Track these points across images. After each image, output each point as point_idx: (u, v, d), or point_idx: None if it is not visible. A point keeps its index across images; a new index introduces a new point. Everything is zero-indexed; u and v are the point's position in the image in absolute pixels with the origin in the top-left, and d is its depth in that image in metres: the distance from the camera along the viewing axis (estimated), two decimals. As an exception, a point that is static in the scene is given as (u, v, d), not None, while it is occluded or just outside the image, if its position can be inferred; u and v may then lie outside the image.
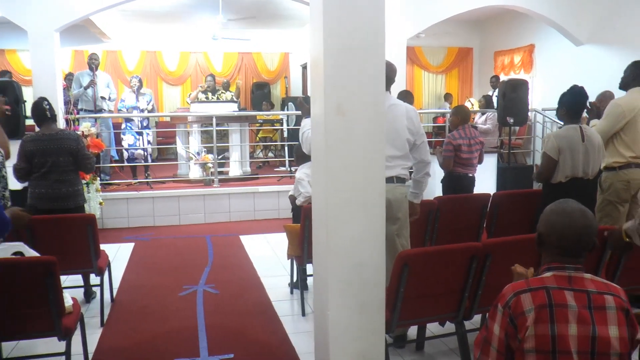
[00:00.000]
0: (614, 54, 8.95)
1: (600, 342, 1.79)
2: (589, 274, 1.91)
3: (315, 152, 2.86)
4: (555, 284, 1.85)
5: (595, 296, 1.84)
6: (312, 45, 2.78)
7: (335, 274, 2.69)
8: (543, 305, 1.80)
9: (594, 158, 4.13)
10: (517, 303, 1.82)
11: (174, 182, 8.62)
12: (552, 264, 1.92)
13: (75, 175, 4.64)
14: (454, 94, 13.40)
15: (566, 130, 4.15)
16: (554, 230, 1.92)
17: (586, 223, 1.92)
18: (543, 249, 1.98)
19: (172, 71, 13.66)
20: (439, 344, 3.79)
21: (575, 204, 1.97)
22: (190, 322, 4.25)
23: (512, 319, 1.82)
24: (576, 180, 4.11)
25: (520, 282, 1.89)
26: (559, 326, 1.78)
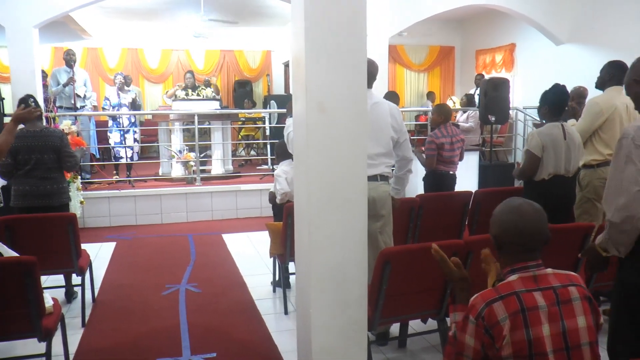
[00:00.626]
0: (593, 53, 9.06)
1: (571, 335, 1.82)
2: (549, 269, 1.93)
3: (297, 150, 2.86)
4: (523, 287, 1.85)
5: (561, 290, 1.86)
6: (293, 43, 2.77)
7: (318, 272, 2.69)
8: (516, 311, 1.79)
9: (575, 155, 4.21)
10: (491, 313, 1.80)
11: (156, 181, 8.55)
12: (515, 265, 1.92)
13: (60, 173, 4.61)
14: (436, 93, 13.47)
15: (549, 128, 4.20)
16: (510, 229, 1.92)
17: (539, 216, 1.94)
18: (502, 251, 1.97)
19: (154, 69, 13.56)
20: (421, 341, 3.81)
21: (522, 201, 1.97)
22: (172, 321, 4.22)
23: (488, 329, 1.80)
24: (558, 177, 4.17)
25: (489, 291, 1.87)
26: (534, 329, 1.78)
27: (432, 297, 3.23)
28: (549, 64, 10.34)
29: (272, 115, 10.63)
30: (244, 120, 11.96)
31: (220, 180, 8.52)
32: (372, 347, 3.44)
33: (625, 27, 8.56)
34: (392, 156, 3.80)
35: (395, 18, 8.52)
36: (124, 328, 4.11)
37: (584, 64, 8.98)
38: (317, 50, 2.59)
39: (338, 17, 2.60)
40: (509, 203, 1.98)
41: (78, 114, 8.11)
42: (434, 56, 14.08)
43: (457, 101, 11.56)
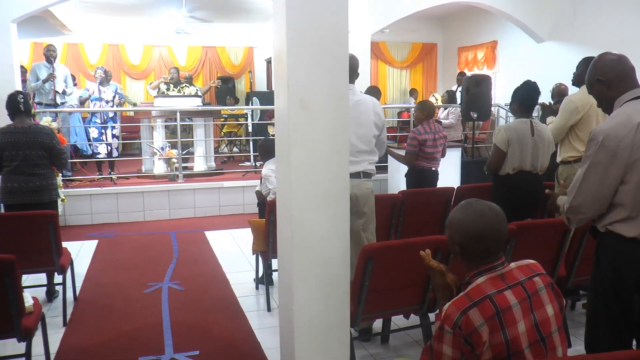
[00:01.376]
0: (573, 50, 9.16)
1: (543, 325, 1.84)
2: (512, 263, 1.94)
3: (279, 147, 2.85)
4: (494, 289, 1.83)
5: (528, 284, 1.88)
6: (275, 40, 2.77)
7: (300, 269, 2.69)
8: (492, 315, 1.78)
9: (543, 152, 4.25)
10: (467, 322, 1.77)
11: (138, 178, 8.50)
12: (481, 267, 1.90)
13: (49, 170, 4.57)
14: (418, 89, 13.53)
15: (517, 123, 4.26)
16: (471, 236, 1.90)
17: (498, 219, 1.92)
18: (464, 257, 1.94)
19: (136, 65, 13.43)
20: (404, 337, 3.84)
21: (481, 204, 1.95)
22: (155, 319, 4.21)
23: (466, 338, 1.77)
24: (524, 173, 4.21)
25: (461, 299, 1.83)
26: (510, 330, 1.78)
27: (414, 293, 3.25)
28: (530, 61, 10.44)
29: (255, 111, 10.60)
30: (226, 117, 11.92)
31: (202, 177, 8.49)
32: (355, 343, 3.47)
33: (604, 25, 8.67)
34: (375, 153, 3.81)
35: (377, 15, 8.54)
36: (106, 326, 4.08)
37: (564, 62, 9.06)
38: (298, 46, 2.59)
39: (320, 14, 2.60)
40: (467, 209, 1.94)
41: (59, 110, 8.01)
42: (416, 53, 14.13)
43: (439, 98, 11.62)
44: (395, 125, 12.18)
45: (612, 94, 2.51)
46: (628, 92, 2.46)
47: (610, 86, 2.50)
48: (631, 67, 2.52)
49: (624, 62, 2.51)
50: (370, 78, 8.95)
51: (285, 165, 2.72)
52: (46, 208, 4.36)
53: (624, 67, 2.50)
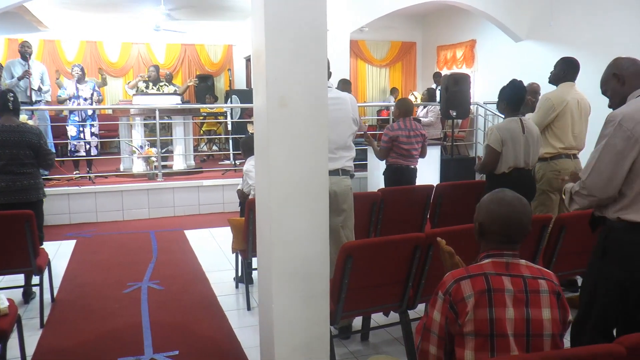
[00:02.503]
0: (551, 50, 9.27)
1: (534, 324, 1.86)
2: (524, 260, 1.98)
3: (257, 145, 2.84)
4: (493, 270, 1.91)
5: (530, 281, 1.91)
6: (253, 37, 2.76)
7: (279, 267, 2.69)
8: (482, 290, 1.85)
9: (534, 148, 4.32)
10: (457, 290, 1.86)
11: (116, 177, 8.42)
12: (491, 251, 1.97)
13: (35, 169, 4.54)
14: (397, 87, 13.59)
15: (507, 122, 4.30)
16: (496, 219, 1.97)
17: (526, 210, 1.99)
18: (484, 238, 2.02)
19: (114, 62, 13.30)
20: (384, 334, 3.85)
21: (512, 193, 2.02)
22: (134, 319, 4.17)
23: (453, 305, 1.86)
24: (518, 170, 4.27)
25: (460, 270, 1.94)
26: (497, 310, 1.83)
27: (394, 290, 3.26)
28: (509, 60, 10.54)
29: (235, 110, 10.56)
30: (205, 115, 11.86)
31: (182, 175, 8.44)
32: (335, 341, 3.47)
33: (581, 25, 8.79)
34: (353, 149, 3.83)
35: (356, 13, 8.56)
36: (84, 328, 4.03)
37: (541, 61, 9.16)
38: (277, 44, 2.58)
39: (298, 11, 2.59)
40: (500, 194, 2.02)
41: (34, 109, 7.89)
42: (396, 51, 14.19)
43: (418, 96, 11.68)
44: (375, 124, 12.22)
45: (625, 90, 2.59)
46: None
47: (624, 82, 2.59)
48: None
49: (637, 63, 2.62)
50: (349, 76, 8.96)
51: (264, 163, 2.71)
52: (33, 207, 4.28)
53: (638, 68, 2.60)
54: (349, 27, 8.53)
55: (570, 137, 4.58)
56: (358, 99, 13.87)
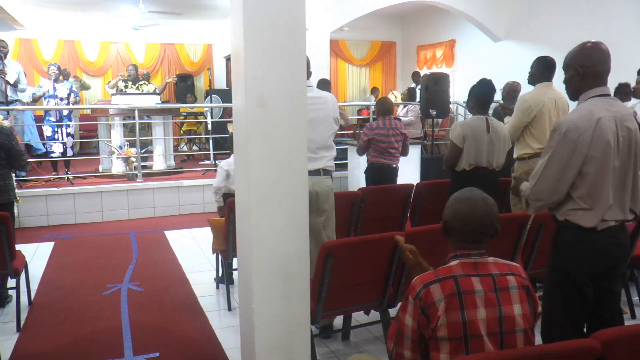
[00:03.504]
0: (529, 50, 9.38)
1: (507, 321, 1.88)
2: (491, 257, 1.99)
3: (237, 145, 2.83)
4: (462, 272, 1.91)
5: (499, 278, 1.92)
6: (232, 37, 2.75)
7: (259, 267, 2.68)
8: (452, 293, 1.85)
9: (499, 149, 4.35)
10: (427, 294, 1.86)
11: (95, 177, 8.33)
12: (458, 251, 1.98)
13: (6, 171, 4.45)
14: (377, 87, 13.64)
15: (472, 120, 4.36)
16: (458, 217, 1.99)
17: (488, 210, 2.00)
18: (449, 236, 2.04)
19: (92, 61, 13.16)
20: (365, 333, 3.86)
21: (478, 192, 2.04)
22: (114, 321, 4.13)
23: (424, 309, 1.86)
24: (480, 169, 4.31)
25: (429, 274, 1.93)
26: (469, 312, 1.84)
27: (374, 289, 3.28)
28: (488, 59, 10.64)
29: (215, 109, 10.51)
30: (185, 115, 11.78)
31: (162, 176, 8.38)
32: (316, 341, 3.47)
33: (558, 24, 8.90)
34: (333, 149, 3.84)
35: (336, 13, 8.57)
36: (62, 331, 3.98)
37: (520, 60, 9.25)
38: (256, 43, 2.57)
39: (277, 10, 2.59)
40: (465, 193, 2.04)
41: (11, 108, 7.77)
42: (376, 51, 14.24)
43: (398, 95, 11.73)
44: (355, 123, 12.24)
45: (582, 86, 2.60)
46: (595, 88, 2.57)
47: (583, 78, 2.59)
48: (609, 68, 2.61)
49: (605, 62, 2.59)
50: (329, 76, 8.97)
51: (243, 163, 2.70)
52: (3, 209, 4.22)
53: (602, 68, 2.58)
54: (329, 27, 8.54)
55: (547, 137, 4.62)
56: (338, 98, 13.89)
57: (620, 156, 2.51)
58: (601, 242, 2.54)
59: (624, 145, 2.51)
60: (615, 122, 2.48)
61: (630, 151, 2.54)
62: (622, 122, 2.51)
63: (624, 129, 2.51)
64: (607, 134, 2.45)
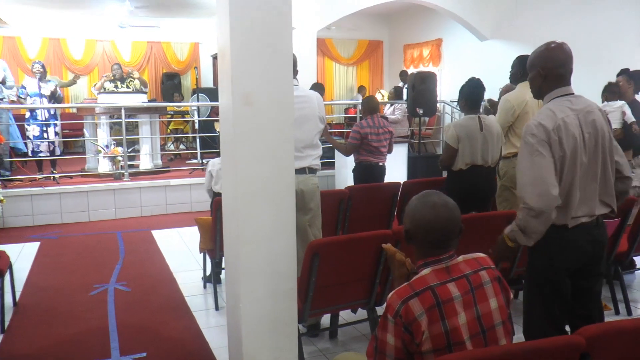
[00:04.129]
0: (515, 49, 9.42)
1: (485, 318, 1.88)
2: (460, 257, 1.98)
3: (223, 143, 2.83)
4: (437, 280, 1.87)
5: (473, 277, 1.92)
6: (219, 35, 2.75)
7: (247, 266, 2.68)
8: (432, 305, 1.81)
9: (493, 146, 4.40)
10: (408, 310, 1.81)
11: (82, 177, 8.26)
12: (428, 258, 1.95)
13: None
14: (364, 86, 13.67)
15: (465, 120, 4.39)
16: (419, 225, 1.95)
17: (449, 215, 1.94)
18: (413, 244, 2.00)
19: (78, 60, 13.04)
20: (352, 331, 3.87)
21: (437, 197, 1.98)
22: (100, 322, 4.10)
23: (406, 327, 1.80)
24: (476, 167, 4.35)
25: (405, 288, 1.88)
26: (450, 320, 1.82)
27: (361, 287, 3.29)
28: (474, 58, 10.69)
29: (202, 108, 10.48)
30: (172, 114, 11.73)
31: (149, 175, 8.34)
32: (303, 339, 3.48)
33: (544, 23, 8.96)
34: (319, 147, 3.84)
35: (323, 12, 8.57)
36: (48, 332, 3.95)
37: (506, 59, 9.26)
38: (242, 42, 2.57)
39: (263, 9, 2.58)
40: (423, 199, 1.99)
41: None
42: (363, 50, 14.27)
43: (385, 94, 11.76)
44: (342, 122, 12.26)
45: (544, 88, 2.63)
46: (557, 89, 2.59)
47: (545, 79, 2.61)
48: (571, 69, 2.62)
49: (568, 64, 2.60)
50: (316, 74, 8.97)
51: (230, 162, 2.70)
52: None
53: (565, 70, 2.60)
54: (316, 26, 8.54)
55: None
56: (325, 97, 13.89)
57: (588, 152, 2.53)
58: (574, 239, 2.56)
59: (590, 141, 2.53)
60: (578, 119, 2.51)
61: (597, 146, 2.55)
62: (586, 118, 2.52)
63: (588, 125, 2.52)
64: (573, 132, 2.48)
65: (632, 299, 4.39)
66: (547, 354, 1.80)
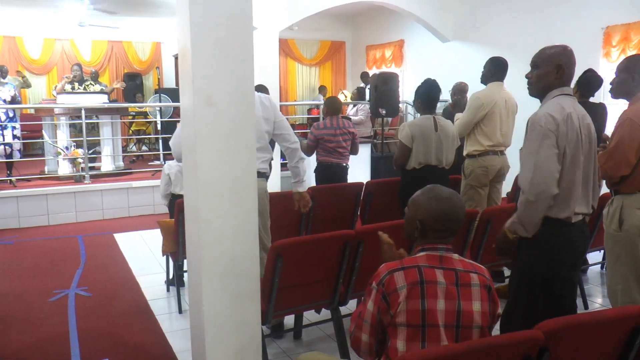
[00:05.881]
0: (476, 50, 9.59)
1: (464, 316, 1.92)
2: (457, 255, 2.05)
3: (185, 145, 2.81)
4: (427, 263, 1.96)
5: (462, 274, 1.97)
6: (179, 35, 2.72)
7: (209, 268, 2.66)
8: (415, 282, 1.90)
9: (447, 147, 4.46)
10: (390, 281, 1.91)
11: (41, 180, 8.07)
12: (427, 245, 2.04)
13: None
14: (327, 86, 13.70)
15: (420, 119, 4.45)
16: (439, 217, 2.02)
17: (462, 205, 2.09)
18: (422, 234, 2.05)
19: (36, 59, 12.70)
20: (316, 331, 3.89)
21: (446, 190, 2.09)
22: (60, 329, 4.01)
23: (385, 295, 1.90)
24: (429, 167, 4.42)
25: (395, 262, 1.98)
26: (429, 301, 1.89)
27: (325, 288, 3.30)
28: (436, 60, 10.82)
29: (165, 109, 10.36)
30: (134, 115, 11.55)
31: (110, 177, 8.19)
32: (267, 340, 3.48)
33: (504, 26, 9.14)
34: (268, 150, 3.78)
35: (285, 12, 8.54)
36: (5, 340, 3.84)
37: (468, 61, 9.48)
38: (203, 42, 2.55)
39: (223, 9, 2.57)
40: (436, 192, 2.07)
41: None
42: (325, 50, 14.31)
43: (348, 95, 11.82)
44: (305, 122, 12.27)
45: (556, 84, 2.69)
46: (564, 87, 2.69)
47: (560, 76, 2.68)
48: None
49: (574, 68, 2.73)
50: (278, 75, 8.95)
51: (192, 163, 2.68)
52: None
53: (574, 72, 2.73)
54: (278, 26, 8.51)
55: (498, 135, 4.75)
56: (288, 97, 13.91)
57: (584, 152, 2.64)
58: (573, 235, 2.68)
59: (585, 141, 2.65)
60: (578, 119, 2.62)
61: (590, 149, 2.69)
62: (583, 120, 2.66)
63: (584, 127, 2.65)
64: (577, 128, 2.59)
65: (588, 294, 4.53)
66: (508, 348, 1.83)
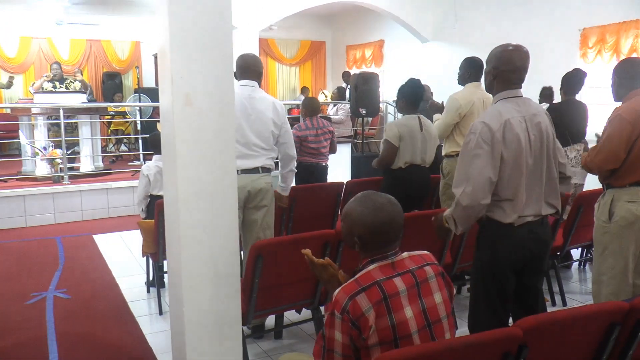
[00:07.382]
0: (455, 51, 9.68)
1: (431, 312, 1.93)
2: (405, 253, 2.01)
3: (164, 144, 2.80)
4: (383, 276, 1.89)
5: (418, 272, 1.96)
6: (158, 35, 2.71)
7: (189, 269, 2.65)
8: (379, 300, 1.83)
9: (430, 146, 4.52)
10: (355, 306, 1.81)
11: (18, 180, 7.95)
12: (375, 255, 1.96)
13: None
14: (307, 86, 13.71)
15: (406, 119, 4.48)
16: (373, 228, 1.93)
17: (397, 210, 1.98)
18: (364, 248, 1.98)
19: (12, 58, 12.50)
20: (297, 331, 3.89)
21: (378, 196, 1.99)
22: (38, 332, 3.95)
23: (354, 322, 1.81)
24: (414, 166, 4.46)
25: (351, 284, 1.88)
26: (397, 314, 1.84)
27: (305, 287, 3.31)
28: (416, 60, 10.89)
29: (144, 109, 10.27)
30: (113, 114, 11.44)
31: (89, 177, 8.09)
32: (248, 341, 3.48)
33: (482, 27, 9.23)
34: (274, 150, 3.91)
35: (265, 11, 8.55)
36: (-20, 345, 3.79)
37: (446, 61, 9.57)
38: (182, 42, 2.54)
39: (203, 8, 2.57)
40: (368, 202, 1.98)
41: None
42: (305, 50, 14.32)
43: (328, 95, 11.84)
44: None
45: (494, 87, 2.75)
46: (506, 91, 2.71)
47: (495, 79, 2.73)
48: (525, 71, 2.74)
49: (520, 69, 2.71)
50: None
51: (171, 163, 2.67)
52: None
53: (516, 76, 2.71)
54: (258, 26, 8.51)
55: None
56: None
57: (533, 154, 2.64)
58: (520, 238, 2.67)
59: (535, 142, 2.65)
60: (525, 121, 2.63)
61: (542, 148, 2.68)
62: (532, 120, 2.65)
63: (534, 128, 2.65)
64: (517, 133, 2.58)
65: (567, 291, 4.60)
66: (487, 346, 1.85)
